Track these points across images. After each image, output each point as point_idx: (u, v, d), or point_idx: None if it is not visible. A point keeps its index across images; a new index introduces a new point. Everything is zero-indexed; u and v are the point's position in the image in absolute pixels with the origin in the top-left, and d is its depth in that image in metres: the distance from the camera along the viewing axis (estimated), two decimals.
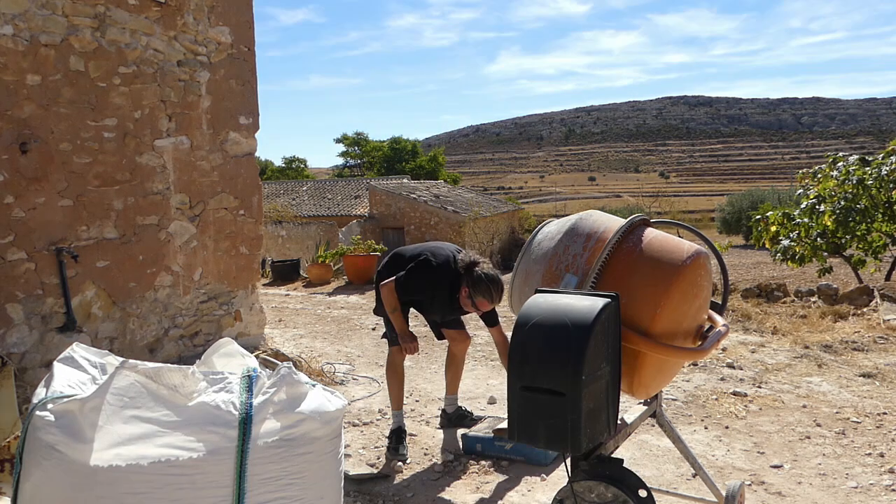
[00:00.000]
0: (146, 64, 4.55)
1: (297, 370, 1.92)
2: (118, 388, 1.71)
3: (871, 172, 9.00)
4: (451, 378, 4.08)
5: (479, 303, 3.56)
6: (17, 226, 3.87)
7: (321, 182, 32.74)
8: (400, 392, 3.83)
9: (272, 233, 20.18)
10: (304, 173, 49.83)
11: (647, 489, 2.07)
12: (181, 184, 4.84)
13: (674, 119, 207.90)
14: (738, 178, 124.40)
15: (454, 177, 49.50)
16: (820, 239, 9.38)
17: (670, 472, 3.41)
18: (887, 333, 6.04)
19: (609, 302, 1.95)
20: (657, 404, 2.60)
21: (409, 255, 3.75)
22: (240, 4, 5.26)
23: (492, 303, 3.59)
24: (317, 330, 7.25)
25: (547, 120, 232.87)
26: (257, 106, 5.44)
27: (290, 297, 10.16)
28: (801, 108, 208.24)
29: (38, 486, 1.67)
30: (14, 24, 3.81)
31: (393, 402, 3.83)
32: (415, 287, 3.63)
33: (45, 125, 3.98)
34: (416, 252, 3.76)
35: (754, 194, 34.62)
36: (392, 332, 3.75)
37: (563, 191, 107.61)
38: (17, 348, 3.87)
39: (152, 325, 4.67)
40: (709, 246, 2.81)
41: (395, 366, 3.82)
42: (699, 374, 5.08)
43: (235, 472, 1.73)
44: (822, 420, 4.12)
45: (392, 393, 3.84)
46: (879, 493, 3.16)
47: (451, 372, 4.07)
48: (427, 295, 3.69)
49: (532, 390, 1.88)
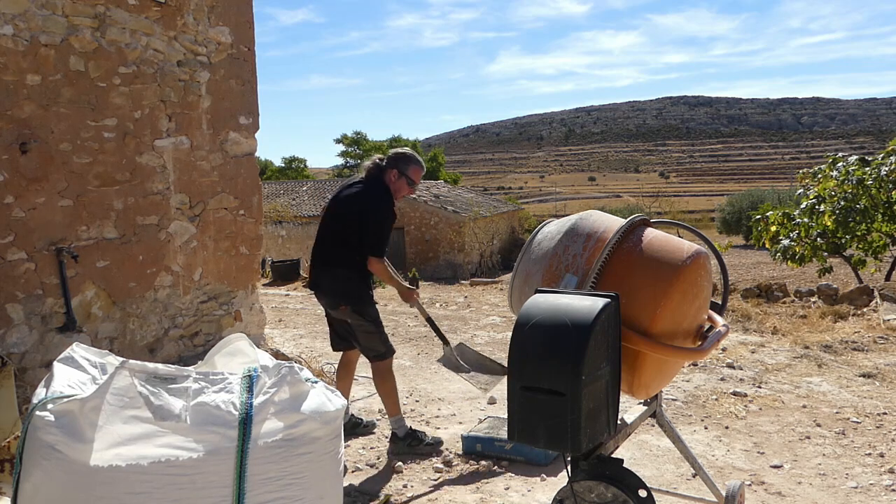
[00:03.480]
0: (146, 64, 4.55)
1: (299, 367, 1.92)
2: (118, 388, 1.71)
3: (871, 172, 9.01)
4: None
5: (414, 172, 3.60)
6: (17, 226, 3.87)
7: (321, 182, 32.71)
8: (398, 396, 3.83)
9: (272, 233, 20.19)
10: (304, 173, 49.80)
11: (647, 489, 2.07)
12: (181, 184, 4.84)
13: (674, 119, 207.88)
14: (738, 178, 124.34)
15: (454, 177, 49.47)
16: (820, 239, 9.38)
17: (670, 472, 3.41)
18: (887, 333, 6.04)
19: (609, 302, 1.95)
20: (657, 404, 2.60)
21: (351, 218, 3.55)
22: (240, 4, 5.26)
23: (422, 169, 3.69)
24: (317, 330, 7.25)
25: (547, 120, 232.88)
26: (257, 106, 5.44)
27: (290, 297, 10.16)
28: (801, 108, 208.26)
29: (38, 486, 1.67)
30: (14, 24, 3.81)
31: (397, 409, 3.77)
32: (389, 229, 3.61)
33: (45, 125, 3.98)
34: (356, 208, 3.55)
35: (754, 194, 34.62)
36: (385, 344, 3.69)
37: (563, 191, 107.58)
38: (17, 348, 3.87)
39: (152, 325, 4.67)
40: (709, 246, 2.81)
41: (392, 374, 3.78)
42: (699, 374, 5.08)
43: (235, 473, 1.73)
44: (822, 420, 4.12)
45: (394, 400, 3.77)
46: (879, 493, 3.16)
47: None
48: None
49: (532, 390, 1.88)
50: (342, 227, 3.59)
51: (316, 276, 3.71)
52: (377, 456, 3.70)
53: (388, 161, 3.58)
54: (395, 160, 3.56)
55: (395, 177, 3.57)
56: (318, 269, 3.70)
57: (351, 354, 3.97)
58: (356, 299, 3.59)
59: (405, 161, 3.58)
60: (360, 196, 3.58)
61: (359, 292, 3.61)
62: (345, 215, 3.59)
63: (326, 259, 3.64)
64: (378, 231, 3.52)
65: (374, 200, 3.55)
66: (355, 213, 3.54)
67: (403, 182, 3.59)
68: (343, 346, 3.92)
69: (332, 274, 3.61)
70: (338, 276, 3.60)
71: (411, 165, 3.58)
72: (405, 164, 3.57)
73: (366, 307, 3.63)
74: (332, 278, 3.62)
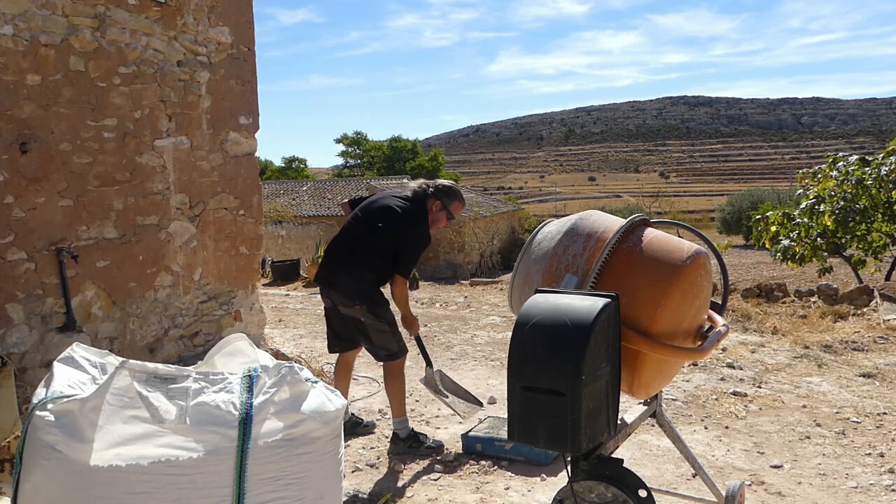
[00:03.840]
0: (146, 64, 4.55)
1: (300, 367, 1.92)
2: (118, 388, 1.72)
3: (871, 172, 9.01)
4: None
5: (456, 208, 3.68)
6: (17, 226, 3.87)
7: (321, 182, 32.71)
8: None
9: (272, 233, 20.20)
10: (304, 173, 49.80)
11: (647, 489, 2.07)
12: (181, 184, 4.84)
13: (674, 119, 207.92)
14: (738, 178, 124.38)
15: (454, 177, 49.47)
16: (820, 239, 9.38)
17: (670, 472, 3.41)
18: (887, 333, 6.04)
19: (609, 302, 1.95)
20: (657, 404, 2.60)
21: (386, 232, 3.57)
22: (240, 4, 5.26)
23: (464, 206, 3.76)
24: (317, 330, 7.25)
25: (547, 120, 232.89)
26: (257, 106, 5.44)
27: (290, 297, 10.17)
28: (801, 108, 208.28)
29: (38, 486, 1.67)
30: (14, 24, 3.81)
31: (402, 410, 3.78)
32: (421, 253, 3.66)
33: (45, 125, 3.98)
34: (396, 224, 3.57)
35: (754, 194, 34.62)
36: (398, 344, 3.70)
37: (563, 191, 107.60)
38: (17, 348, 3.87)
39: (152, 325, 4.67)
40: (709, 246, 2.81)
41: (402, 375, 3.78)
42: (699, 374, 5.08)
43: (235, 472, 1.73)
44: (822, 420, 4.12)
45: (401, 401, 3.77)
46: (879, 493, 3.16)
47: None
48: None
49: (532, 390, 1.88)
50: (375, 235, 3.60)
51: (330, 274, 3.68)
52: (377, 456, 3.70)
53: (434, 190, 3.65)
54: (443, 192, 3.63)
55: (438, 208, 3.64)
56: (336, 268, 3.66)
57: (348, 356, 3.96)
58: (371, 301, 3.61)
59: (451, 196, 3.65)
60: (403, 214, 3.61)
61: (374, 295, 3.63)
62: (380, 226, 3.60)
63: (349, 260, 3.63)
64: (413, 254, 3.59)
65: (415, 223, 3.60)
66: (393, 229, 3.57)
67: (444, 215, 3.67)
68: (340, 348, 3.91)
69: (351, 274, 3.61)
70: (357, 278, 3.59)
71: (455, 202, 3.67)
72: (450, 199, 3.65)
73: (381, 309, 3.65)
74: (350, 278, 3.61)
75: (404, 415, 3.77)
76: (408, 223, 3.58)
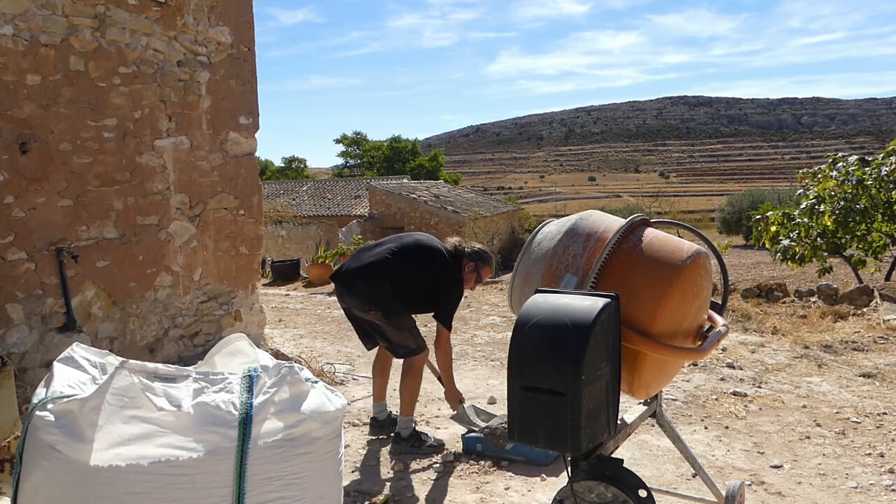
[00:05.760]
0: (146, 64, 4.55)
1: (300, 367, 1.92)
2: (118, 388, 1.72)
3: (871, 173, 9.00)
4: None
5: (486, 273, 3.90)
6: (17, 226, 3.87)
7: (321, 182, 32.73)
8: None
9: (272, 233, 20.18)
10: (304, 173, 49.84)
11: (647, 489, 2.07)
12: (181, 184, 4.84)
13: (674, 119, 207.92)
14: (738, 178, 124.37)
15: (454, 177, 49.48)
16: (820, 239, 9.37)
17: (670, 472, 3.41)
18: (887, 333, 6.04)
19: (609, 302, 1.95)
20: (657, 404, 2.60)
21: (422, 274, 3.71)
22: (240, 4, 5.26)
23: (492, 272, 3.99)
24: (317, 330, 7.25)
25: (547, 120, 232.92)
26: (257, 106, 5.44)
27: (290, 297, 10.16)
28: (801, 108, 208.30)
29: (38, 486, 1.67)
30: (14, 24, 3.81)
31: (411, 410, 3.78)
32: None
33: (45, 125, 3.98)
34: (437, 269, 3.73)
35: (754, 194, 34.56)
36: (417, 341, 3.71)
37: (563, 191, 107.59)
38: (17, 348, 3.87)
39: (152, 325, 4.67)
40: (709, 246, 2.81)
41: (421, 375, 3.79)
42: (699, 374, 5.08)
43: (235, 472, 1.73)
44: (822, 420, 4.12)
45: (412, 401, 3.78)
46: (879, 493, 3.16)
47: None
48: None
49: (532, 390, 1.88)
50: (412, 266, 3.69)
51: (351, 278, 3.68)
52: (378, 456, 3.70)
53: (471, 252, 3.86)
54: (479, 257, 3.86)
55: (470, 269, 3.86)
56: (358, 274, 3.66)
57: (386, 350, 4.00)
58: (387, 308, 3.64)
59: (484, 261, 3.88)
60: (447, 265, 3.77)
61: (391, 304, 3.66)
62: (421, 260, 3.72)
63: (378, 273, 3.63)
64: (453, 304, 3.76)
65: (456, 275, 3.79)
66: (435, 273, 3.72)
67: (474, 277, 3.88)
68: (372, 343, 3.94)
69: (372, 283, 3.63)
70: (378, 287, 3.63)
71: (486, 267, 3.89)
72: (483, 264, 3.88)
73: (396, 317, 3.68)
74: (371, 287, 3.63)
75: (412, 415, 3.78)
76: (447, 271, 3.76)
